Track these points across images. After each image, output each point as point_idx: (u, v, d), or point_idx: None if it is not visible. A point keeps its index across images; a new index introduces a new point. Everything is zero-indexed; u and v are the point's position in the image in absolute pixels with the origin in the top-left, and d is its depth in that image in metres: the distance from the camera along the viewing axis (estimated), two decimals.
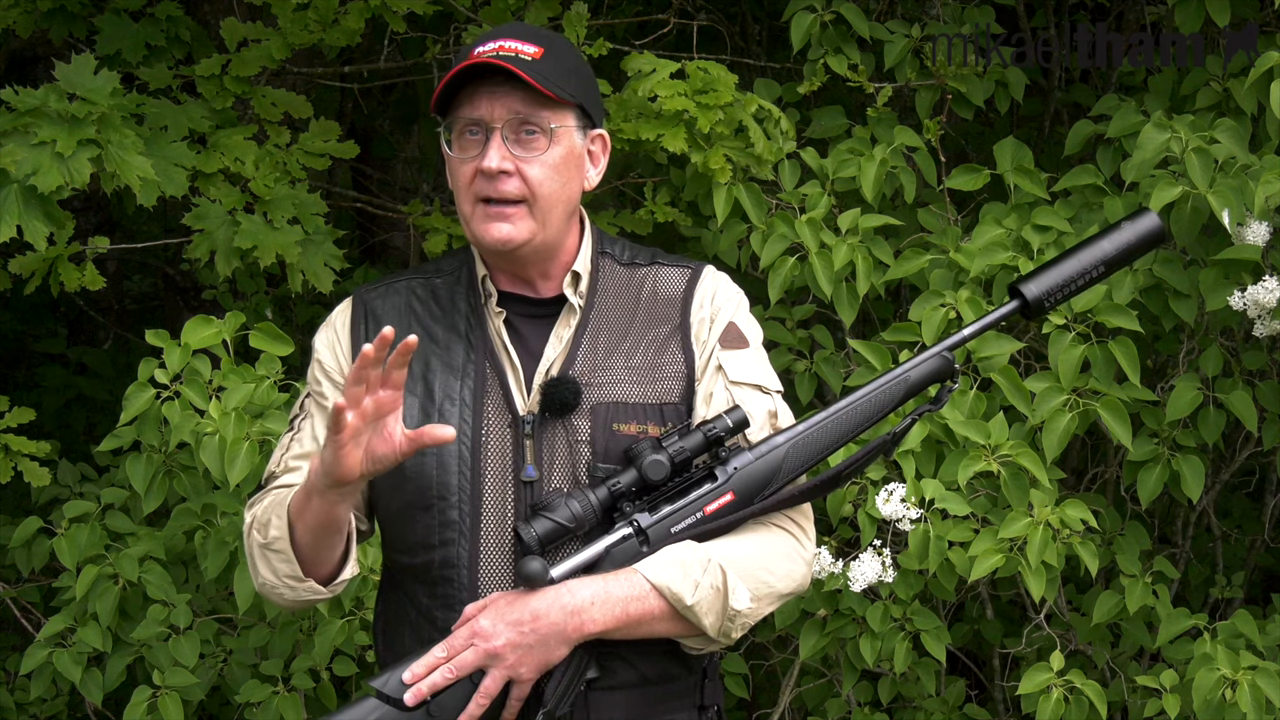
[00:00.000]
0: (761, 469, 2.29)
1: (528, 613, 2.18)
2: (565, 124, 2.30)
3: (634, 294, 2.38)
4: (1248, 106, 3.50)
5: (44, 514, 3.68)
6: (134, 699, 3.47)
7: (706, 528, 2.26)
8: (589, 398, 2.30)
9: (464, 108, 2.28)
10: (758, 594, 2.25)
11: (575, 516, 2.21)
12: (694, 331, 2.37)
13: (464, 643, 2.19)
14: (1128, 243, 2.47)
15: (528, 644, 2.17)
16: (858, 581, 3.26)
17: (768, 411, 2.36)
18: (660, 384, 2.33)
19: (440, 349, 2.34)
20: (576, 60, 2.36)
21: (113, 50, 3.69)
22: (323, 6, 3.72)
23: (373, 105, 4.95)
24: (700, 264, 2.44)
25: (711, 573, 2.22)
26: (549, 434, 2.29)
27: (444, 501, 2.29)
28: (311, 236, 3.56)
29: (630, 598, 2.20)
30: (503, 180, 2.27)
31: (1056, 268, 2.45)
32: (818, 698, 3.89)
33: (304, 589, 2.29)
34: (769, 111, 3.64)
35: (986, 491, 3.37)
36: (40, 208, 3.14)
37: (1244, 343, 3.60)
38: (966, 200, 3.86)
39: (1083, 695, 3.35)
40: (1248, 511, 4.38)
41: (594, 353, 2.33)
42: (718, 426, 2.26)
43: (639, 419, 2.30)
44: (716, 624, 2.23)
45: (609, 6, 4.31)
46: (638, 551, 2.23)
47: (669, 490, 2.27)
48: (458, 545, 2.28)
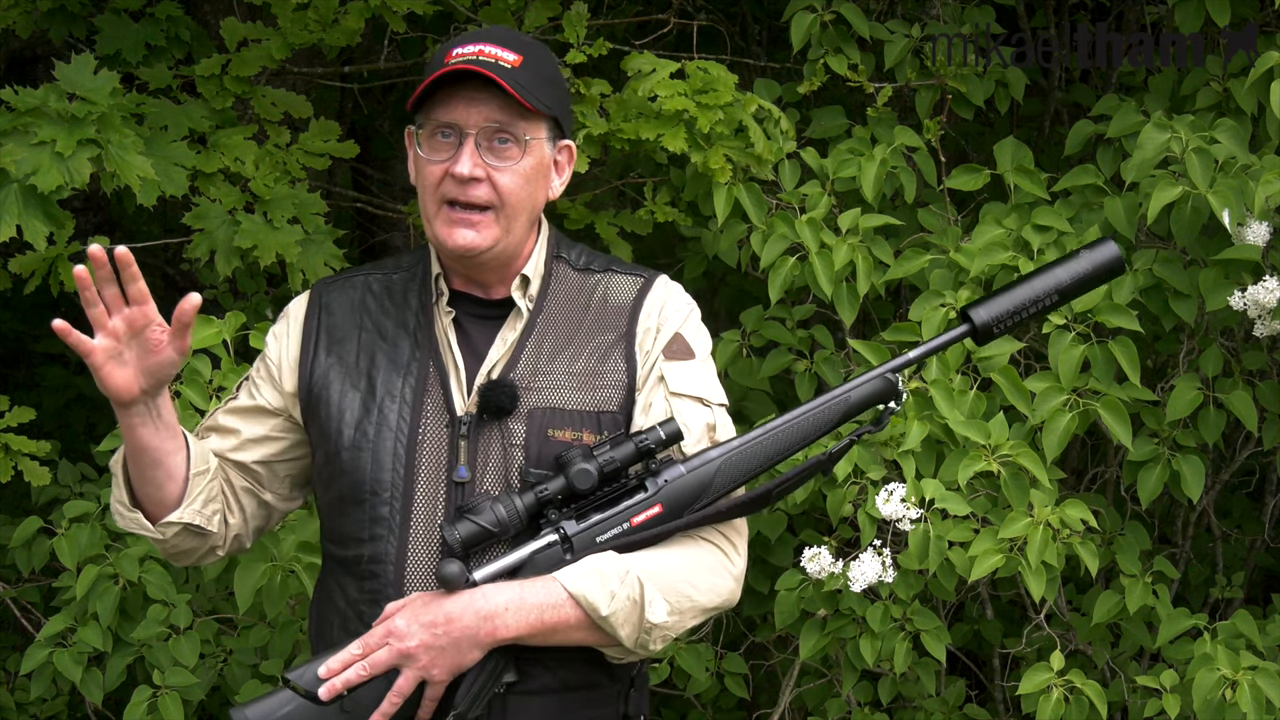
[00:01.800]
0: (691, 483, 2.29)
1: (441, 615, 2.19)
2: (538, 135, 2.30)
3: (584, 300, 2.39)
4: (1248, 106, 3.50)
5: (44, 514, 3.68)
6: (134, 699, 3.47)
7: (632, 539, 2.27)
8: (527, 402, 2.30)
9: (439, 110, 2.28)
10: (678, 607, 2.26)
11: (499, 521, 2.22)
12: (639, 340, 2.37)
13: (379, 641, 2.21)
14: (1084, 272, 2.46)
15: (440, 646, 2.19)
16: (858, 581, 3.26)
17: (706, 424, 2.36)
18: (600, 391, 2.33)
19: (387, 344, 2.36)
20: (553, 69, 2.37)
21: (113, 50, 3.69)
22: (323, 6, 3.72)
23: (373, 105, 4.95)
24: (654, 273, 2.44)
25: (629, 584, 2.23)
26: (484, 436, 2.30)
27: (376, 497, 2.30)
28: (311, 236, 3.56)
29: (545, 605, 2.21)
30: (473, 186, 2.27)
31: (1009, 294, 2.44)
32: (818, 698, 3.89)
33: (131, 519, 2.32)
34: (769, 111, 3.64)
35: (986, 491, 3.37)
36: (40, 207, 3.14)
37: (1244, 343, 3.60)
38: (966, 200, 3.86)
39: (1083, 695, 3.35)
40: (1248, 511, 4.38)
41: (537, 356, 2.33)
42: (650, 438, 2.27)
43: (575, 426, 2.31)
44: (633, 635, 2.24)
45: (609, 6, 4.31)
46: (561, 559, 2.24)
47: (598, 499, 2.27)
48: (386, 541, 2.29)
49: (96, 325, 2.17)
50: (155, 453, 2.27)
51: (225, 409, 2.45)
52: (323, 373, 2.37)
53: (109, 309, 2.16)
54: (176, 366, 2.20)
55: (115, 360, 2.18)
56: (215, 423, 2.44)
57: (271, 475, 2.44)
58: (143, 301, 2.17)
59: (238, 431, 2.42)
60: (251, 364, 3.31)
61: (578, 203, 3.84)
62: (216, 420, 2.44)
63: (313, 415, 2.37)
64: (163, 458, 2.28)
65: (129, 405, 2.22)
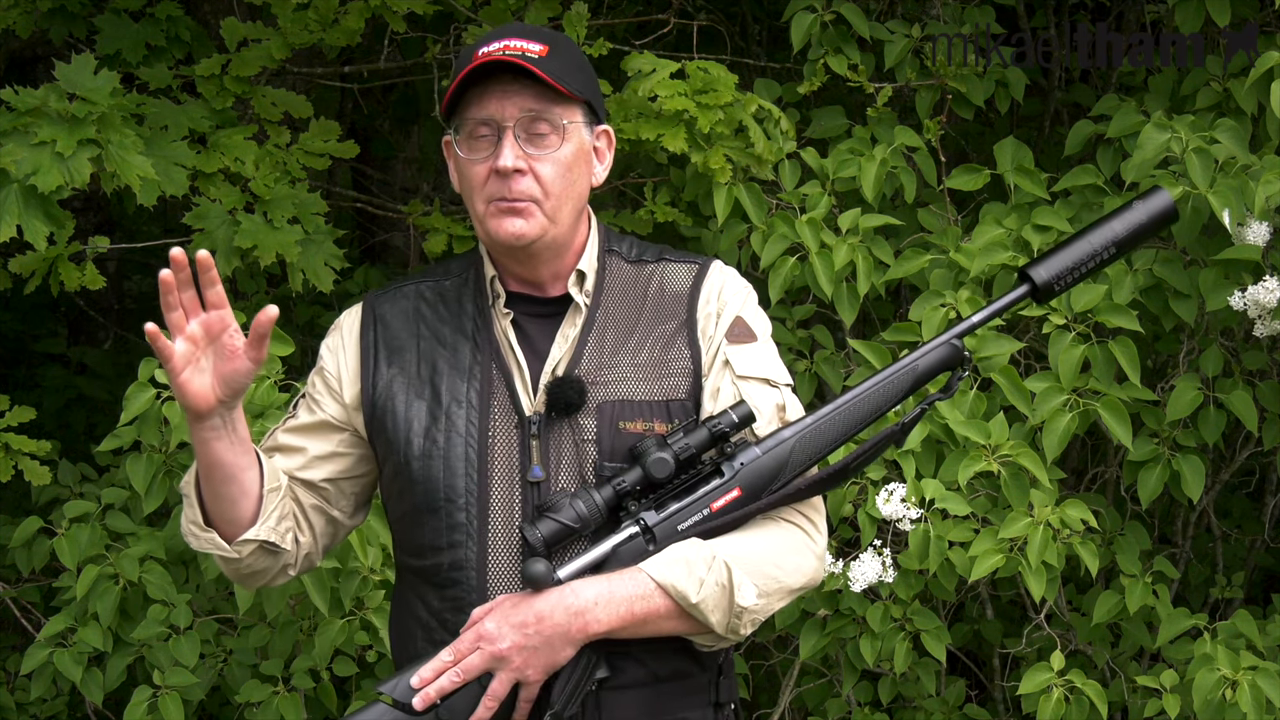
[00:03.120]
0: (768, 463, 2.27)
1: (532, 614, 2.17)
2: (575, 120, 2.30)
3: (641, 291, 2.38)
4: (1248, 106, 3.50)
5: (44, 514, 3.68)
6: (134, 699, 3.47)
7: (713, 524, 2.25)
8: (595, 396, 2.29)
9: (473, 108, 2.27)
10: (765, 590, 2.24)
11: (580, 517, 2.20)
12: (700, 327, 2.35)
13: (470, 646, 2.18)
14: (1139, 223, 2.39)
15: (533, 646, 2.17)
16: (858, 581, 3.26)
17: (775, 405, 2.34)
18: (667, 380, 2.32)
19: (447, 351, 2.34)
20: (580, 57, 2.36)
21: (113, 50, 3.69)
22: (323, 6, 3.72)
23: (373, 105, 4.95)
24: (708, 259, 2.43)
25: (716, 570, 2.21)
26: (555, 434, 2.28)
27: (451, 504, 2.28)
28: (311, 236, 3.56)
29: (635, 596, 2.19)
30: (516, 179, 2.26)
31: (1066, 250, 2.38)
32: (818, 698, 3.89)
33: (206, 539, 2.28)
34: (769, 111, 3.64)
35: (987, 491, 3.37)
36: (40, 207, 3.14)
37: (1244, 343, 3.60)
38: (966, 200, 3.86)
39: (1083, 695, 3.35)
40: (1248, 511, 4.38)
41: (600, 351, 2.32)
42: (723, 422, 2.25)
43: (645, 416, 2.29)
44: (723, 621, 2.22)
45: (609, 6, 4.31)
46: (644, 550, 2.22)
47: (676, 487, 2.26)
48: (465, 547, 2.27)
49: (175, 330, 2.13)
50: (230, 468, 2.24)
51: (286, 428, 2.40)
52: (385, 384, 2.34)
53: (186, 313, 2.13)
54: (252, 376, 2.17)
55: (193, 366, 2.15)
56: (277, 442, 2.40)
57: (339, 492, 2.40)
58: (220, 305, 2.14)
59: (304, 450, 2.37)
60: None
61: None
62: (278, 440, 2.40)
63: (379, 429, 2.34)
64: (237, 473, 2.24)
65: (206, 417, 2.18)
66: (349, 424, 2.38)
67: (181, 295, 2.13)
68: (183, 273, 2.11)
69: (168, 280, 2.11)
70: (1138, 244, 2.43)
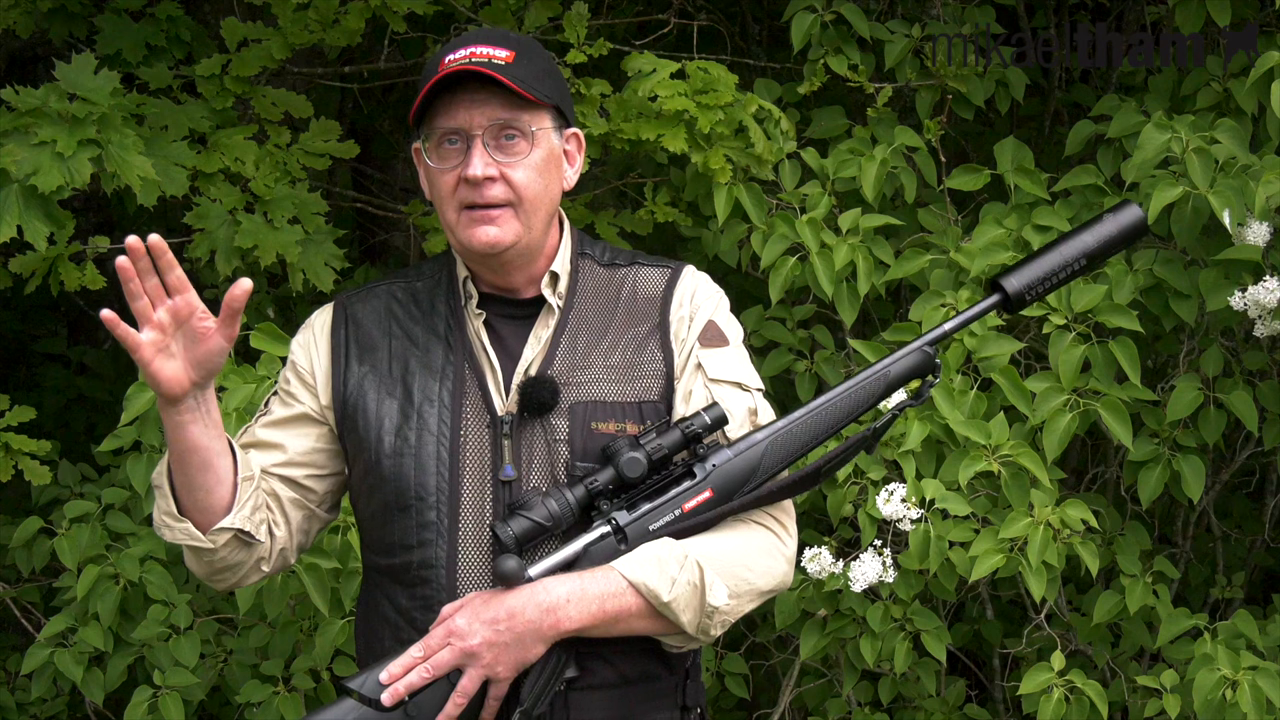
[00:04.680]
0: (740, 466, 2.29)
1: (503, 611, 2.18)
2: (543, 125, 2.30)
3: (613, 294, 2.39)
4: (1248, 107, 3.50)
5: (44, 514, 3.68)
6: (134, 699, 3.47)
7: (685, 525, 2.26)
8: (567, 397, 2.30)
9: (441, 117, 2.28)
10: (736, 591, 2.25)
11: (552, 515, 2.21)
12: (673, 330, 2.37)
13: (440, 642, 2.19)
14: (1109, 235, 2.45)
15: (503, 642, 2.17)
16: (858, 581, 3.26)
17: (747, 409, 2.36)
18: (639, 382, 2.33)
19: (419, 350, 2.35)
20: (547, 61, 2.37)
21: (113, 50, 3.69)
22: (323, 6, 3.73)
23: (373, 105, 4.95)
24: (680, 264, 2.44)
25: (689, 569, 2.22)
26: (527, 433, 2.29)
27: (422, 502, 2.28)
28: (312, 236, 3.56)
29: (606, 594, 2.20)
30: (487, 186, 2.27)
31: (1038, 261, 2.44)
32: (818, 698, 3.89)
33: (180, 529, 2.26)
34: (769, 111, 3.64)
35: (987, 491, 3.37)
36: (40, 208, 3.14)
37: (1244, 343, 3.60)
38: (967, 200, 3.86)
39: (1083, 695, 3.35)
40: (1248, 511, 4.38)
41: (572, 352, 2.33)
42: (695, 424, 2.26)
43: (617, 417, 2.30)
44: (694, 621, 2.23)
45: (609, 6, 4.31)
46: (616, 549, 2.23)
47: (647, 488, 2.27)
48: (435, 546, 2.28)
49: (141, 319, 2.13)
50: (205, 453, 2.23)
51: (261, 424, 2.40)
52: (357, 383, 2.35)
53: (152, 301, 2.13)
54: (224, 355, 2.17)
55: (163, 354, 2.14)
56: (254, 438, 2.39)
57: (316, 485, 2.40)
58: (183, 289, 2.13)
59: (281, 445, 2.37)
60: (252, 364, 3.35)
61: (578, 203, 3.84)
62: (255, 435, 2.39)
63: (350, 427, 2.35)
64: (212, 459, 2.24)
65: (179, 401, 2.18)
66: (324, 418, 2.38)
67: (145, 283, 2.12)
68: (141, 261, 2.10)
69: (126, 268, 2.09)
70: (1109, 256, 2.49)
